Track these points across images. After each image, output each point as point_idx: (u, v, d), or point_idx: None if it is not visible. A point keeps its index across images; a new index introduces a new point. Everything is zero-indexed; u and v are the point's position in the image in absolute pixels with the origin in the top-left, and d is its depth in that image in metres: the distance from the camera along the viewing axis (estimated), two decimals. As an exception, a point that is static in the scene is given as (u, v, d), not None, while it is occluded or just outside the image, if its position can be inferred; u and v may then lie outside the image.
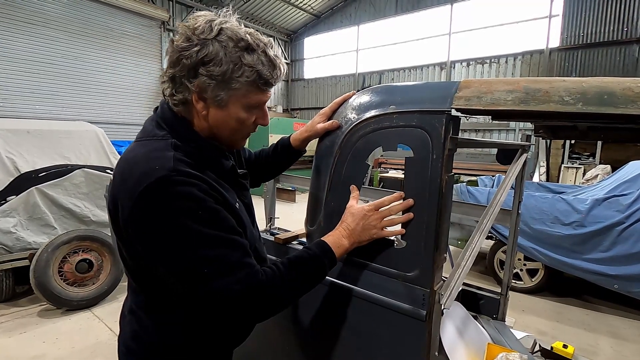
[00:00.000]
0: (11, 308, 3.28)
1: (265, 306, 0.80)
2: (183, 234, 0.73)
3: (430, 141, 0.95)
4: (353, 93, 1.20)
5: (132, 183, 0.74)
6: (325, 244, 0.92)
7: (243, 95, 0.81)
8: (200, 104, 0.81)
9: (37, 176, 3.57)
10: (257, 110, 0.88)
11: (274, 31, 18.27)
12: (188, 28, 0.78)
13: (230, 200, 0.84)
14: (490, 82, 0.89)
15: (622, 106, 0.70)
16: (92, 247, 3.38)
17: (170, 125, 0.84)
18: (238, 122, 0.85)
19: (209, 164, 0.84)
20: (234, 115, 0.83)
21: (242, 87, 0.80)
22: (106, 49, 11.26)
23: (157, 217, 0.73)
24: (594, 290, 3.73)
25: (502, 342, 1.71)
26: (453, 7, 13.57)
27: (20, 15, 9.60)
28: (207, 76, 0.77)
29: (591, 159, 7.89)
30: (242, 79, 0.79)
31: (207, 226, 0.74)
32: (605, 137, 1.69)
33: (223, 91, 0.79)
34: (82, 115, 10.30)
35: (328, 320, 1.20)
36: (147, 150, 0.80)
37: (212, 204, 0.77)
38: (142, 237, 0.76)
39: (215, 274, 0.74)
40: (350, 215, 0.98)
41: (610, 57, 10.59)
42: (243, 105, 0.83)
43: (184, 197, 0.73)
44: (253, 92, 0.82)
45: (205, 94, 0.80)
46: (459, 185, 4.35)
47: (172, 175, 0.73)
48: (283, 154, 1.27)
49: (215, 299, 0.75)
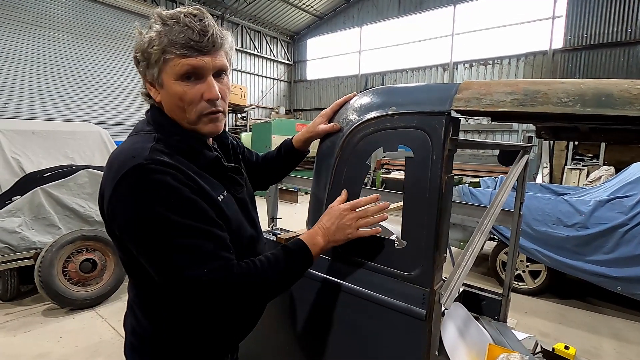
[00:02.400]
0: (16, 307, 3.31)
1: (236, 299, 0.80)
2: (156, 221, 0.73)
3: (430, 142, 0.96)
4: (354, 94, 1.21)
5: (113, 173, 0.76)
6: (301, 242, 0.93)
7: (165, 65, 0.79)
8: (152, 90, 0.86)
9: (42, 176, 3.60)
10: (197, 82, 0.81)
11: (277, 32, 18.33)
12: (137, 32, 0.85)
13: (209, 191, 0.83)
14: (489, 83, 0.90)
15: (620, 107, 0.71)
16: (96, 246, 3.41)
17: (155, 120, 0.87)
18: (177, 97, 0.81)
19: (191, 155, 0.85)
20: (171, 90, 0.81)
21: (159, 57, 0.78)
22: (111, 50, 11.35)
23: (132, 204, 0.74)
24: (598, 293, 3.71)
25: (504, 343, 1.71)
26: (456, 8, 13.56)
27: (27, 18, 9.70)
28: (139, 61, 0.82)
29: (595, 161, 7.85)
30: (154, 49, 0.77)
31: (181, 215, 0.74)
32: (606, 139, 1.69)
33: (152, 69, 0.81)
34: (87, 116, 10.38)
35: (328, 319, 1.21)
36: (130, 143, 0.83)
37: (187, 193, 0.77)
38: (121, 225, 0.77)
39: (187, 263, 0.74)
40: (327, 215, 1.00)
41: (614, 58, 10.54)
42: (172, 75, 0.79)
43: (158, 185, 0.74)
44: (173, 59, 0.78)
45: (146, 78, 0.84)
46: (462, 186, 4.34)
47: (147, 163, 0.74)
48: (287, 156, 1.28)
49: (187, 288, 0.76)
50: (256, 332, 1.07)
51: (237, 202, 0.94)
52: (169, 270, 0.75)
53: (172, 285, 0.78)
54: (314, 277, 1.23)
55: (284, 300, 1.32)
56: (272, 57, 18.51)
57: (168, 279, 0.77)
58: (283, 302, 1.32)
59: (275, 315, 1.07)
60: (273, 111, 18.48)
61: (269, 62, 18.51)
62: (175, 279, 0.76)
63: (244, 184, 1.01)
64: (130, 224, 0.75)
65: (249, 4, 15.37)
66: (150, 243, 0.74)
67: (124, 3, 11.33)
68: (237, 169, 0.99)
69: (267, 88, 18.59)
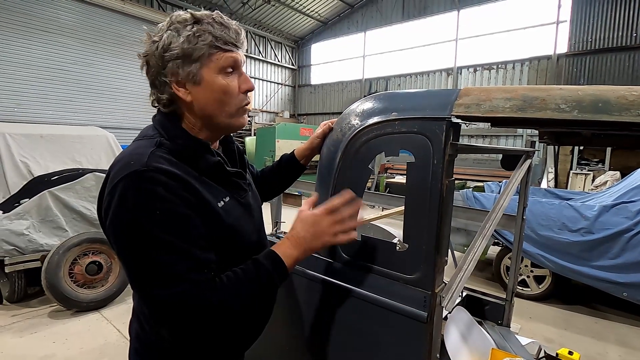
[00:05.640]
0: (23, 309, 3.35)
1: (207, 320, 0.77)
2: (137, 231, 0.73)
3: (431, 147, 0.97)
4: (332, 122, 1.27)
5: (111, 177, 0.78)
6: (276, 256, 0.86)
7: (209, 60, 0.82)
8: (181, 90, 0.84)
9: (49, 180, 3.65)
10: (235, 75, 0.87)
11: (282, 38, 18.49)
12: (147, 37, 0.85)
13: (208, 199, 0.82)
14: (489, 90, 0.91)
15: (617, 114, 0.72)
16: (102, 249, 3.45)
17: (161, 125, 0.87)
18: (221, 90, 0.84)
19: (193, 159, 0.85)
20: (214, 84, 0.84)
21: (204, 52, 0.81)
22: (117, 55, 11.53)
23: (120, 210, 0.74)
24: (603, 298, 3.68)
25: (507, 347, 1.71)
26: (460, 14, 13.61)
27: (36, 24, 9.90)
28: (172, 60, 0.81)
29: (600, 165, 7.81)
30: (199, 45, 0.81)
31: (162, 229, 0.73)
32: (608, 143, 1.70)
33: (191, 66, 0.82)
34: (94, 121, 10.53)
35: (330, 322, 1.22)
36: (133, 148, 0.83)
37: (177, 207, 0.76)
38: (108, 227, 0.78)
39: (156, 280, 0.73)
40: (300, 222, 0.91)
41: (619, 63, 10.50)
42: (215, 70, 0.83)
43: (147, 195, 0.73)
44: (216, 54, 0.83)
45: (180, 77, 0.83)
46: (465, 190, 4.34)
47: (143, 170, 0.74)
48: (287, 166, 1.33)
49: (152, 306, 0.77)
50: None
51: (241, 207, 0.94)
52: (139, 282, 0.76)
53: (142, 299, 0.79)
54: (315, 279, 1.24)
55: (284, 302, 1.33)
56: (276, 62, 18.66)
57: (138, 290, 0.79)
58: (284, 303, 1.33)
59: (275, 316, 1.08)
60: (277, 115, 18.58)
61: (273, 67, 18.66)
62: (143, 293, 0.77)
63: (248, 189, 1.00)
64: (114, 227, 0.76)
65: (254, 10, 15.54)
66: (128, 251, 0.75)
67: (130, 9, 11.52)
68: (240, 174, 0.98)
69: (272, 92, 18.72)
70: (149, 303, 0.77)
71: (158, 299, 0.74)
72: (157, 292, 0.73)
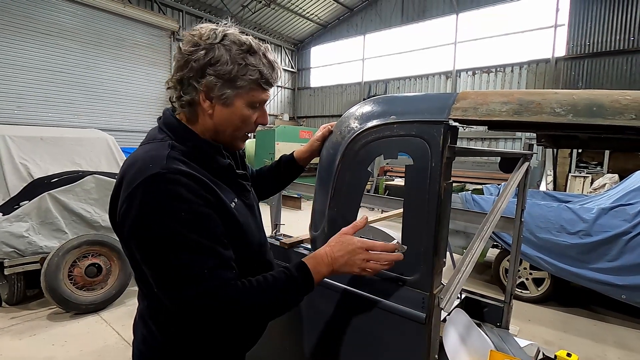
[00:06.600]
0: (22, 311, 3.34)
1: (232, 319, 0.79)
2: (162, 232, 0.74)
3: (429, 150, 0.99)
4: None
5: (128, 181, 0.78)
6: (308, 271, 0.87)
7: (247, 93, 0.87)
8: (206, 102, 0.87)
9: (49, 182, 3.66)
10: (258, 109, 0.93)
11: (281, 40, 18.55)
12: (194, 36, 0.85)
13: (225, 199, 0.85)
14: (486, 93, 0.93)
15: (610, 117, 0.74)
16: (101, 251, 3.45)
17: (170, 128, 0.89)
18: (242, 119, 0.90)
19: (205, 162, 0.87)
20: (239, 112, 0.89)
21: (247, 85, 0.86)
22: (118, 58, 11.56)
23: (143, 212, 0.75)
24: (602, 301, 3.68)
25: (505, 349, 1.72)
26: (458, 17, 13.67)
27: (37, 27, 9.93)
28: (215, 76, 0.83)
29: (599, 168, 7.83)
30: (246, 77, 0.85)
31: (189, 229, 0.75)
32: (605, 146, 1.71)
33: (229, 89, 0.85)
34: (94, 123, 10.54)
35: (329, 322, 1.23)
36: (145, 151, 0.84)
37: (200, 207, 0.77)
38: (129, 231, 0.78)
39: (185, 280, 0.74)
40: (339, 243, 0.92)
41: (617, 67, 10.55)
42: (247, 102, 0.89)
43: (171, 197, 0.74)
44: (256, 90, 0.89)
45: (212, 93, 0.85)
46: (464, 193, 4.35)
47: (164, 173, 0.75)
48: (285, 166, 1.34)
49: (181, 305, 0.76)
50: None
51: (247, 208, 0.97)
52: (167, 283, 0.76)
53: (168, 300, 0.78)
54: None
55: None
56: (276, 65, 18.68)
57: (165, 292, 0.77)
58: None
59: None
60: (277, 118, 18.62)
61: (273, 70, 18.68)
62: (171, 294, 0.76)
63: (251, 190, 1.04)
64: (137, 230, 0.76)
65: (253, 13, 15.60)
66: (153, 253, 0.75)
67: (131, 12, 11.56)
68: (246, 176, 1.01)
69: (271, 95, 18.72)
70: (177, 304, 0.76)
71: (187, 299, 0.75)
72: (186, 291, 0.74)
